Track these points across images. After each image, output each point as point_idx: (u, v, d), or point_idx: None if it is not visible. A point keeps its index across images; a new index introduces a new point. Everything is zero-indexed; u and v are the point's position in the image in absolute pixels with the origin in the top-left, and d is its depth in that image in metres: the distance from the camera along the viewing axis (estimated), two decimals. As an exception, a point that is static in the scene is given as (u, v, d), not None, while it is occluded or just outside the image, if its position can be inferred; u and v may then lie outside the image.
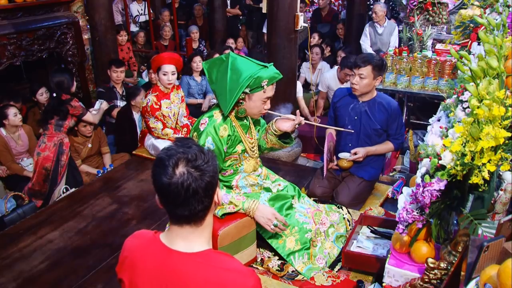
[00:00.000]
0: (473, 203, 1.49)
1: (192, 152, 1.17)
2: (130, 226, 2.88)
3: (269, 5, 3.96)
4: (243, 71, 2.08)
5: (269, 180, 2.48)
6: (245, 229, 2.21)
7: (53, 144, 3.67)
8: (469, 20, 2.84)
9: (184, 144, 1.20)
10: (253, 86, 2.09)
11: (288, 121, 2.32)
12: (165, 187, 1.15)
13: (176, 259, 1.21)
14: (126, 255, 1.31)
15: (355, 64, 2.86)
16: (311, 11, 8.36)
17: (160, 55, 3.69)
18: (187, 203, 1.16)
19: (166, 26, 6.70)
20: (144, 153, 3.89)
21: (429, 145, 1.60)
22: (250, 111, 2.21)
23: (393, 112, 2.95)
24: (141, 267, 1.25)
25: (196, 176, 1.15)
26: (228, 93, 2.10)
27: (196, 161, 1.16)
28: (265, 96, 2.15)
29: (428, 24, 4.94)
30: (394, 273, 1.84)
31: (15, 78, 5.39)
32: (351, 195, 2.94)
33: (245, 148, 2.30)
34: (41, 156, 3.65)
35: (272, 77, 2.13)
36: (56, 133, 3.69)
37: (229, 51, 2.19)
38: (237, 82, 2.08)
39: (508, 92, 1.42)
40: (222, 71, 2.14)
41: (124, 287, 1.31)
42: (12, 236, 2.79)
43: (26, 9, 4.54)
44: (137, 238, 1.33)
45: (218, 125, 2.18)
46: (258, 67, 2.11)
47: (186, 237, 1.22)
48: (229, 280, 1.17)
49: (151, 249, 1.26)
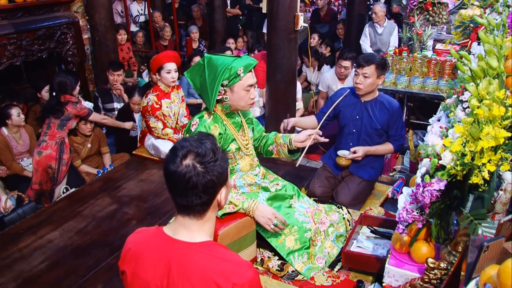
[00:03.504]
0: (473, 203, 1.49)
1: (204, 148, 1.22)
2: (130, 226, 2.88)
3: (269, 5, 3.96)
4: (218, 65, 2.14)
5: (267, 180, 2.48)
6: (245, 229, 2.21)
7: (54, 143, 3.68)
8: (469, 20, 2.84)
9: (201, 139, 1.25)
10: (230, 77, 2.13)
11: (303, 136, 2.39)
12: (170, 174, 1.21)
13: (178, 248, 1.24)
14: (130, 247, 1.33)
15: (358, 64, 2.86)
16: (311, 11, 8.36)
17: (158, 56, 3.70)
18: (185, 194, 1.21)
19: (166, 26, 6.70)
20: (144, 153, 3.89)
21: (429, 145, 1.60)
22: (237, 104, 2.23)
23: (394, 113, 2.95)
24: (144, 257, 1.28)
25: (199, 171, 1.19)
26: (209, 89, 2.16)
27: (204, 157, 1.20)
28: (246, 84, 2.18)
29: (428, 24, 4.94)
30: (394, 273, 1.84)
31: (15, 78, 5.39)
32: (351, 195, 2.94)
33: (239, 146, 2.32)
34: (43, 154, 3.66)
35: (247, 64, 2.16)
36: (58, 131, 3.70)
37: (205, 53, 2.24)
38: (214, 77, 2.14)
39: (508, 92, 1.42)
40: (202, 74, 2.21)
41: (125, 279, 1.32)
42: (12, 236, 2.79)
43: (26, 9, 4.54)
44: (140, 233, 1.37)
45: (209, 124, 2.21)
46: (231, 58, 2.16)
47: (189, 228, 1.26)
48: (228, 270, 1.20)
49: (154, 240, 1.30)
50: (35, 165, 3.69)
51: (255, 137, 2.52)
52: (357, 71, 2.88)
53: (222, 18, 7.49)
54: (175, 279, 1.21)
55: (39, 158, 3.66)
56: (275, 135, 2.54)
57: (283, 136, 2.48)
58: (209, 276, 1.18)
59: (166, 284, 1.22)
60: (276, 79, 4.07)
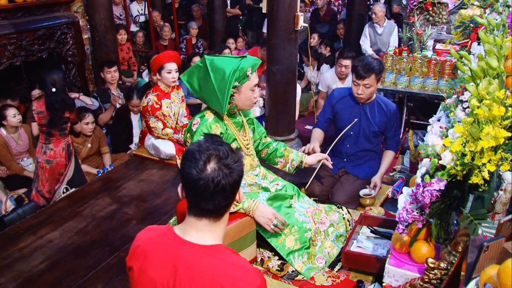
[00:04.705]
0: (473, 203, 1.49)
1: (224, 150, 1.23)
2: (130, 226, 2.88)
3: (269, 5, 3.95)
4: (225, 67, 2.13)
5: (267, 180, 2.48)
6: (245, 229, 2.21)
7: (61, 149, 3.64)
8: (469, 20, 2.84)
9: (215, 141, 1.26)
10: (240, 78, 2.14)
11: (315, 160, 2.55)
12: (194, 181, 1.20)
13: (187, 249, 1.24)
14: (139, 244, 1.34)
15: (359, 75, 2.82)
16: (311, 11, 8.36)
17: (159, 56, 3.70)
18: (213, 198, 1.21)
19: (165, 26, 6.70)
20: (144, 153, 3.89)
21: (429, 145, 1.60)
22: (243, 104, 2.25)
23: (392, 115, 2.97)
24: (152, 255, 1.28)
25: (226, 173, 1.21)
26: (219, 93, 2.14)
27: (226, 159, 1.22)
28: (253, 84, 2.21)
29: (428, 24, 4.93)
30: (394, 273, 1.85)
31: (15, 78, 5.39)
32: (346, 194, 2.94)
33: (240, 146, 2.32)
34: (54, 163, 3.61)
35: (253, 64, 2.19)
36: (61, 137, 3.65)
37: (205, 55, 2.24)
38: (223, 79, 2.12)
39: (508, 92, 1.42)
40: (203, 77, 2.18)
41: (132, 275, 1.32)
42: (12, 236, 2.79)
43: (26, 9, 4.54)
44: (150, 231, 1.37)
45: (210, 123, 2.21)
46: (237, 59, 2.17)
47: (201, 230, 1.26)
48: (236, 275, 1.20)
49: (164, 239, 1.30)
50: (47, 175, 3.62)
51: (255, 138, 2.52)
52: (357, 82, 2.85)
53: (222, 18, 7.49)
54: (182, 281, 1.21)
55: (50, 167, 3.61)
56: (285, 148, 2.58)
57: (294, 153, 2.53)
58: (216, 280, 1.18)
59: (172, 285, 1.22)
60: (276, 79, 4.06)
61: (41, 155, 3.63)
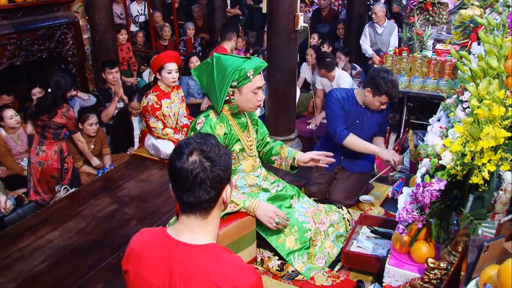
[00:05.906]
0: (473, 203, 1.49)
1: (208, 144, 1.24)
2: (130, 226, 2.88)
3: (269, 5, 3.96)
4: (227, 66, 2.13)
5: (268, 181, 2.48)
6: (245, 229, 2.21)
7: (53, 152, 3.63)
8: (469, 20, 2.84)
9: (204, 137, 1.27)
10: (239, 78, 2.12)
11: (307, 158, 2.40)
12: (176, 171, 1.22)
13: (181, 250, 1.24)
14: (133, 247, 1.34)
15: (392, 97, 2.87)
16: (311, 11, 8.36)
17: (159, 56, 3.70)
18: (192, 191, 1.21)
19: (165, 26, 6.70)
20: (144, 153, 3.89)
21: (429, 145, 1.60)
22: (245, 105, 2.22)
23: (387, 111, 3.07)
24: (147, 258, 1.28)
25: (206, 166, 1.20)
26: (217, 90, 2.15)
27: (209, 153, 1.22)
28: (255, 87, 2.17)
29: (428, 24, 4.93)
30: (394, 273, 1.85)
31: (15, 78, 5.39)
32: (343, 191, 2.94)
33: (243, 147, 2.31)
34: (45, 165, 3.61)
35: (257, 66, 2.16)
36: (54, 141, 3.64)
37: (214, 53, 2.23)
38: (223, 78, 2.12)
39: (508, 92, 1.42)
40: (210, 73, 2.19)
41: (128, 278, 1.33)
42: (12, 236, 2.79)
43: (26, 9, 4.54)
44: (144, 233, 1.37)
45: (215, 123, 2.20)
46: (241, 60, 2.15)
47: (192, 229, 1.26)
48: (230, 273, 1.20)
49: (158, 241, 1.30)
50: (39, 176, 3.62)
51: (258, 139, 2.51)
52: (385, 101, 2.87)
53: (222, 18, 7.48)
54: (177, 281, 1.21)
55: (41, 169, 3.60)
56: (281, 145, 2.54)
57: (288, 150, 2.48)
58: (211, 279, 1.18)
59: (168, 286, 1.22)
60: (276, 79, 4.07)
61: (34, 155, 3.64)
